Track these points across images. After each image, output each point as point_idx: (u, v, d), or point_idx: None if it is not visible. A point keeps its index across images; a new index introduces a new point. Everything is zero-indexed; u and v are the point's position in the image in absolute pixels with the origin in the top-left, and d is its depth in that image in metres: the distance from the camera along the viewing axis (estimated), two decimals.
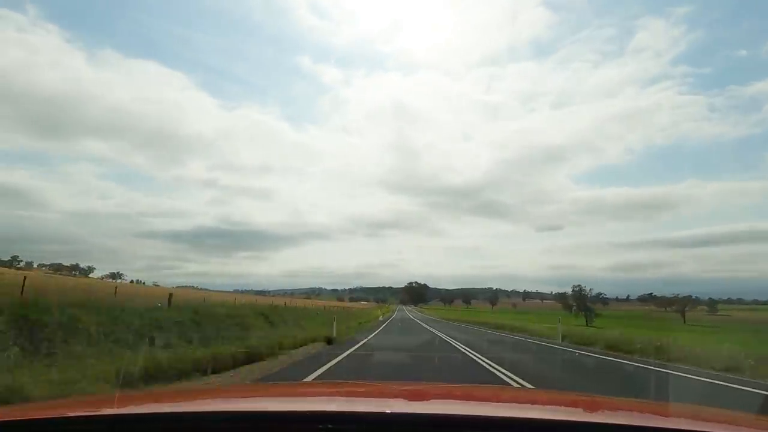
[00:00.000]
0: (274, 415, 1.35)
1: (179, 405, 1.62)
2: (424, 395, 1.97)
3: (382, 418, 1.27)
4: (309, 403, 1.76)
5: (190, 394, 2.49)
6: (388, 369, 10.31)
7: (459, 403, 1.87)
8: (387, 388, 2.26)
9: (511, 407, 1.76)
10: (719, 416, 1.70)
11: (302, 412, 1.40)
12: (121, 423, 1.27)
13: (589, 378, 10.09)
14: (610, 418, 1.52)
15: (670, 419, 1.55)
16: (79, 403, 1.85)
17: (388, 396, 1.99)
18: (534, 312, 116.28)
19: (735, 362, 11.18)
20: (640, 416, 1.58)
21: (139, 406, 1.63)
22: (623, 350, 15.48)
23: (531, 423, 1.31)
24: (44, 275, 50.38)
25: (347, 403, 1.80)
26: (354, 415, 1.33)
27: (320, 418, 1.24)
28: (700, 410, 1.96)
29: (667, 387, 9.02)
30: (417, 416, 1.38)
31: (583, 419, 1.48)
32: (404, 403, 1.74)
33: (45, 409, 1.55)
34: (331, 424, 1.18)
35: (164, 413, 1.41)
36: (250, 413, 1.42)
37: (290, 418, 1.31)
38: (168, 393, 3.25)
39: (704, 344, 15.05)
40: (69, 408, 1.53)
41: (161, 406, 1.58)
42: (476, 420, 1.32)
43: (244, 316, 17.24)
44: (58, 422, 1.27)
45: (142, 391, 5.09)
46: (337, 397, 2.01)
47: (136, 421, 1.30)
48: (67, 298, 10.22)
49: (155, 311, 12.25)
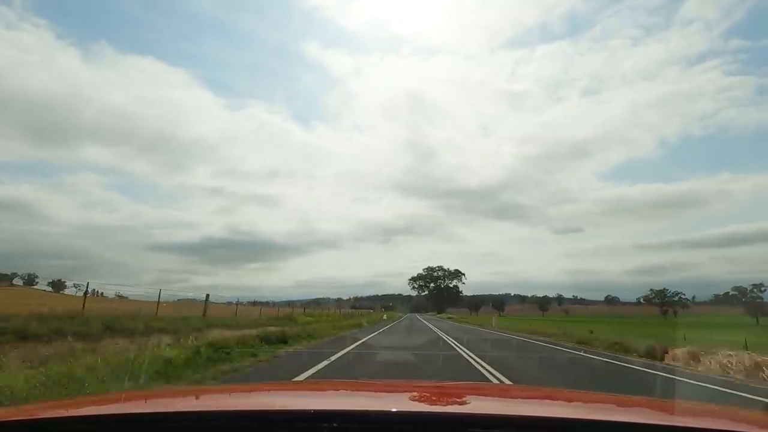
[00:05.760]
0: (280, 414, 1.37)
1: (184, 404, 1.66)
2: (428, 393, 1.95)
3: (386, 417, 1.28)
4: (314, 402, 1.78)
5: (195, 392, 2.50)
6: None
7: (464, 401, 1.84)
8: (391, 386, 2.37)
9: (518, 405, 1.83)
10: (725, 413, 1.71)
11: (307, 410, 1.38)
12: (125, 422, 1.27)
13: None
14: (615, 416, 1.49)
15: (675, 417, 1.51)
16: (86, 402, 1.92)
17: (393, 394, 2.03)
18: (603, 318, 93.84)
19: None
20: (648, 414, 1.60)
21: (145, 404, 1.64)
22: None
23: (538, 421, 1.29)
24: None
25: (352, 401, 1.83)
26: (359, 414, 1.33)
27: (325, 417, 1.24)
28: (705, 407, 2.00)
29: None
30: (421, 414, 1.38)
31: (592, 417, 1.43)
32: (409, 402, 1.73)
33: (50, 408, 1.58)
34: (336, 422, 1.17)
35: (169, 412, 1.41)
36: (256, 412, 1.42)
37: (296, 416, 1.33)
38: (172, 392, 3.10)
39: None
40: (75, 407, 1.57)
41: (166, 405, 1.61)
42: (482, 418, 1.31)
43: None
44: (63, 422, 1.28)
45: (148, 390, 5.06)
46: (342, 396, 2.04)
47: (141, 420, 1.30)
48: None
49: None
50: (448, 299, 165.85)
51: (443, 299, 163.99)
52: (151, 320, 16.13)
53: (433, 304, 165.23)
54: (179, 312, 22.31)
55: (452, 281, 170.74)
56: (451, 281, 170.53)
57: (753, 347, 12.82)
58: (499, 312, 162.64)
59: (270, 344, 13.61)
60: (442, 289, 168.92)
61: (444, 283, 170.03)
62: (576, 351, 16.13)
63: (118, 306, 20.55)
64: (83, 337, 11.78)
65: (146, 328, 14.27)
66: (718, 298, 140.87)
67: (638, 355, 14.48)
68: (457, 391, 2.16)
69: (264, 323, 23.91)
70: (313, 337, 18.46)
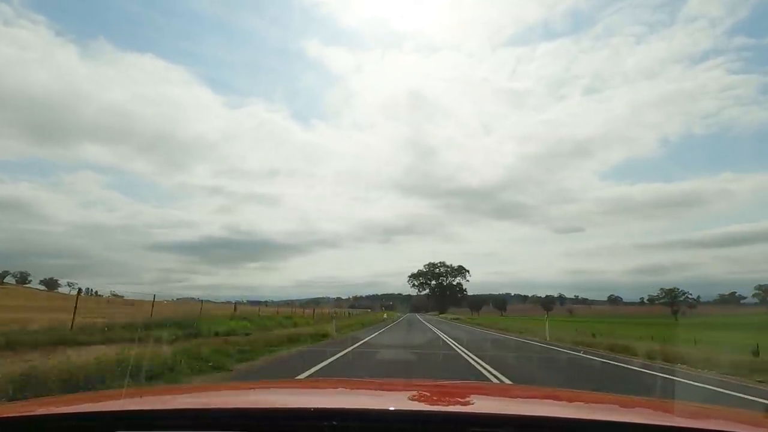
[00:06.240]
0: (280, 412, 1.36)
1: (183, 401, 1.64)
2: (428, 392, 1.93)
3: (386, 415, 1.28)
4: (314, 400, 1.76)
5: (194, 390, 2.50)
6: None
7: (464, 400, 1.81)
8: (391, 385, 2.33)
9: (518, 404, 1.80)
10: (725, 414, 1.71)
11: (307, 408, 1.38)
12: (125, 419, 1.26)
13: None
14: (616, 416, 1.48)
15: (676, 417, 1.49)
16: (85, 399, 1.91)
17: (393, 393, 2.00)
18: (613, 319, 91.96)
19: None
20: (649, 414, 1.60)
21: (146, 401, 1.63)
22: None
23: (539, 420, 1.28)
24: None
25: (352, 399, 1.81)
26: (358, 412, 1.32)
27: (325, 415, 1.23)
28: (706, 408, 1.99)
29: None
30: (421, 413, 1.38)
31: (593, 417, 1.43)
32: (408, 400, 1.72)
33: (48, 405, 1.56)
34: (336, 420, 1.17)
35: (168, 410, 1.40)
36: (255, 410, 1.41)
37: (296, 414, 1.32)
38: (172, 389, 3.14)
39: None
40: (73, 404, 1.57)
41: (165, 403, 1.60)
42: (482, 417, 1.31)
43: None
44: (64, 418, 1.28)
45: (148, 387, 4.93)
46: (342, 394, 2.03)
47: (140, 417, 1.29)
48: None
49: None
50: (450, 298, 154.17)
51: (445, 298, 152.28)
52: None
53: (434, 303, 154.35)
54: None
55: (455, 278, 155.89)
56: (454, 278, 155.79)
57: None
58: (501, 312, 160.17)
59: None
60: (444, 286, 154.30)
61: (447, 281, 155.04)
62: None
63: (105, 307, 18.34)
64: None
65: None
66: (723, 298, 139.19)
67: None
68: (457, 390, 2.16)
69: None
70: (223, 367, 9.53)
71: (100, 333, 13.88)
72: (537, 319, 76.29)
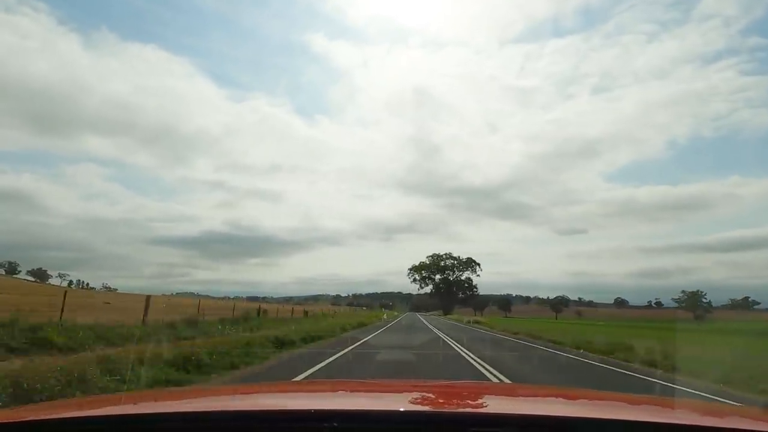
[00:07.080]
0: (280, 414, 1.37)
1: (184, 404, 1.65)
2: (429, 392, 1.93)
3: (387, 416, 1.28)
4: (314, 402, 1.77)
5: (195, 393, 2.44)
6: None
7: (465, 400, 1.82)
8: (392, 386, 2.39)
9: (519, 403, 1.82)
10: (727, 411, 1.76)
11: (307, 410, 1.39)
12: (125, 423, 1.27)
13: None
14: (618, 414, 1.47)
15: (678, 414, 1.51)
16: (85, 403, 1.95)
17: (393, 394, 2.02)
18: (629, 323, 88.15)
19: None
20: (651, 412, 1.60)
21: (146, 405, 1.62)
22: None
23: (540, 420, 1.27)
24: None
25: (352, 400, 1.82)
26: (359, 413, 1.32)
27: (326, 416, 1.24)
28: (708, 406, 2.04)
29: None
30: (423, 414, 1.39)
31: (594, 415, 1.43)
32: (409, 401, 1.71)
33: (49, 409, 1.56)
34: (336, 422, 1.17)
35: (169, 413, 1.40)
36: (256, 412, 1.42)
37: (296, 416, 1.33)
38: (172, 392, 3.12)
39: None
40: (74, 408, 1.56)
41: (166, 406, 1.59)
42: (484, 417, 1.32)
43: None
44: (62, 423, 1.27)
45: (148, 391, 5.04)
46: (342, 395, 2.03)
47: (141, 421, 1.29)
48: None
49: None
50: (457, 296, 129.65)
51: (452, 296, 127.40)
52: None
53: (438, 302, 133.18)
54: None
55: (463, 273, 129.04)
56: (462, 273, 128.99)
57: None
58: (506, 313, 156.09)
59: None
60: (451, 282, 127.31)
61: (454, 275, 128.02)
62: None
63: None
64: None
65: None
66: (735, 303, 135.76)
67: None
68: (458, 391, 2.18)
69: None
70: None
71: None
72: (552, 322, 71.33)
